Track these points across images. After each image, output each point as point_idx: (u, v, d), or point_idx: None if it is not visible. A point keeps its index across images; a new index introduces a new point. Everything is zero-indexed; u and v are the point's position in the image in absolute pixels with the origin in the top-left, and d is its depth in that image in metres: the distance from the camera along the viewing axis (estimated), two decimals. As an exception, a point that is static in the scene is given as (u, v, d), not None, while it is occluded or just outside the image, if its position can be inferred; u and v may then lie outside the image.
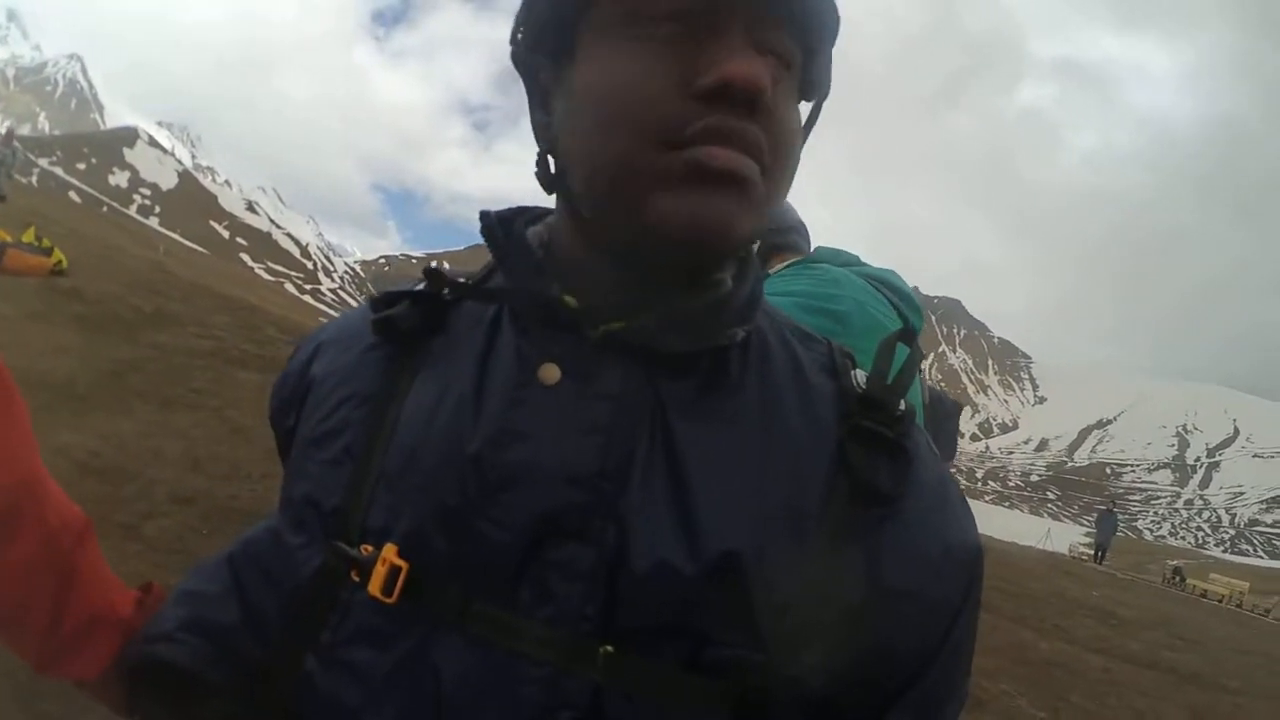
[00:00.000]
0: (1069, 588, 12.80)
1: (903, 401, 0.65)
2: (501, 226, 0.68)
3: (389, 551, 0.60)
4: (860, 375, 0.67)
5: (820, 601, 0.58)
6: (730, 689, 0.57)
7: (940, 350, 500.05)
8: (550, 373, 0.61)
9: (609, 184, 0.58)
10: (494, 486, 0.59)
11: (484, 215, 0.68)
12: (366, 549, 0.62)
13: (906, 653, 0.62)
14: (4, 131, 13.04)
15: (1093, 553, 30.10)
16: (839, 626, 0.58)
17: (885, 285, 1.55)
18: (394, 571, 0.60)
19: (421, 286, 0.70)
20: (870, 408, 0.64)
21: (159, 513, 4.44)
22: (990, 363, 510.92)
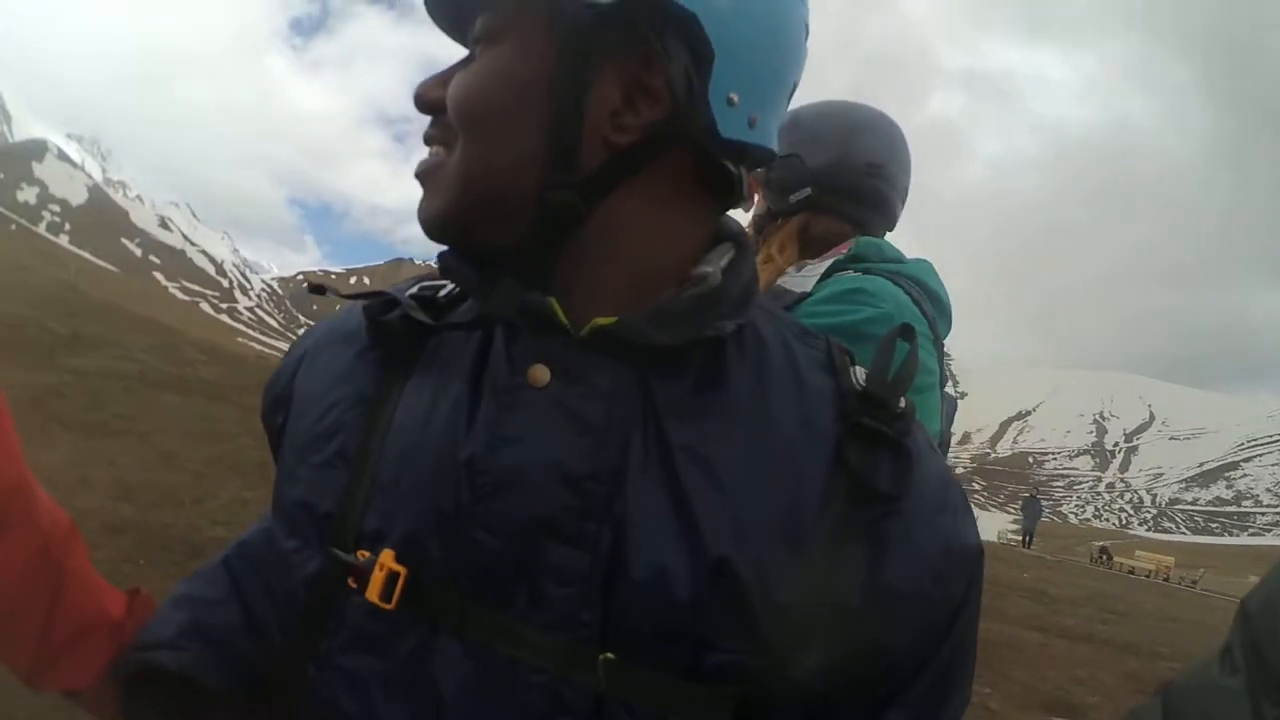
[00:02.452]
0: (1001, 572, 13.20)
1: (903, 399, 0.64)
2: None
3: (386, 557, 0.59)
4: (860, 373, 0.66)
5: (820, 603, 0.58)
6: (731, 693, 0.57)
7: None
8: (540, 374, 0.60)
9: None
10: (486, 491, 0.59)
11: (440, 257, 0.68)
12: (363, 554, 0.61)
13: (906, 652, 0.62)
14: None
15: (1020, 538, 31.16)
16: (839, 627, 0.58)
17: (920, 285, 1.41)
18: (392, 577, 0.59)
19: (415, 291, 0.70)
20: (870, 405, 0.63)
21: (91, 544, 4.16)
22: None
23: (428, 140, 0.66)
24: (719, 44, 0.59)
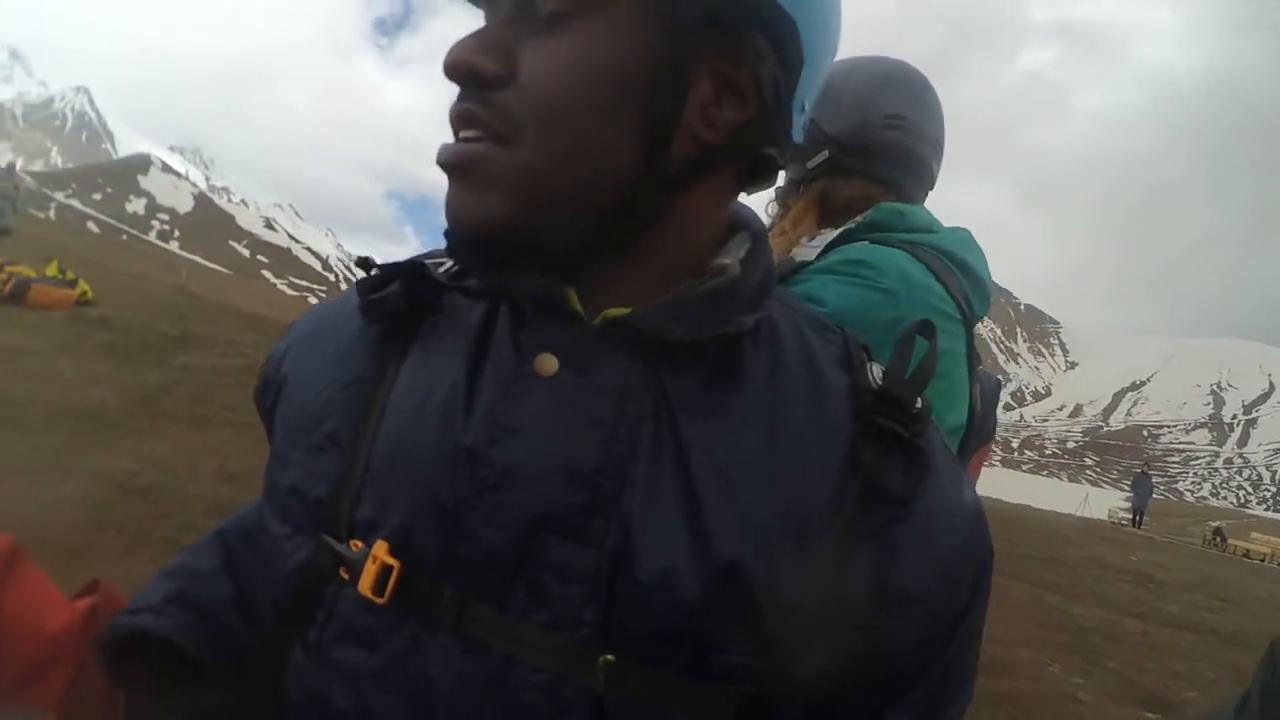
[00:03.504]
0: (1106, 553, 12.71)
1: (920, 398, 0.62)
2: None
3: (380, 549, 0.58)
4: (877, 370, 0.64)
5: (828, 604, 0.57)
6: (735, 694, 0.56)
7: None
8: (548, 364, 0.58)
9: None
10: (488, 483, 0.57)
11: (452, 242, 0.64)
12: (356, 545, 0.59)
13: (910, 654, 0.61)
14: (6, 166, 13.22)
15: (1131, 517, 29.79)
16: (846, 629, 0.57)
17: (949, 259, 1.26)
18: (385, 570, 0.57)
19: (412, 260, 0.67)
20: (886, 404, 0.61)
21: (196, 527, 4.49)
22: (1019, 330, 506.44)
23: (468, 119, 0.57)
24: (809, 54, 0.59)
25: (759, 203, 1.18)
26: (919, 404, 0.61)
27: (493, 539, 0.56)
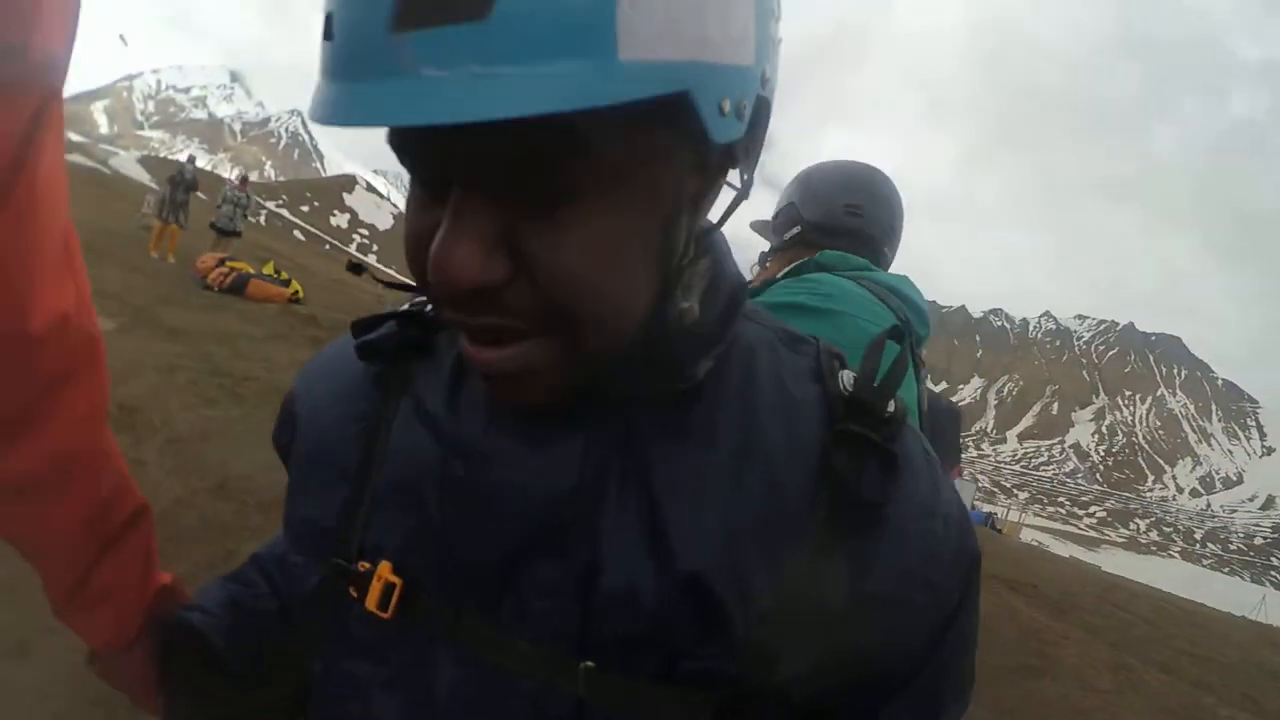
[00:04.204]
0: (1271, 659, 11.64)
1: (893, 402, 0.63)
2: None
3: (384, 569, 0.62)
4: (848, 377, 0.64)
5: (803, 610, 0.58)
6: (711, 698, 0.58)
7: (1159, 393, 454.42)
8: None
9: None
10: (474, 506, 0.60)
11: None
12: (364, 566, 0.63)
13: (896, 659, 0.62)
14: (239, 179, 15.18)
15: None
16: (823, 634, 0.59)
17: (895, 293, 1.55)
18: (389, 588, 0.61)
19: (406, 308, 0.70)
20: (857, 411, 0.61)
21: None
22: (1214, 407, 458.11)
23: (496, 334, 0.52)
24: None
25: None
26: (891, 408, 0.62)
27: (480, 558, 0.60)
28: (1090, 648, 7.08)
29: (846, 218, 1.69)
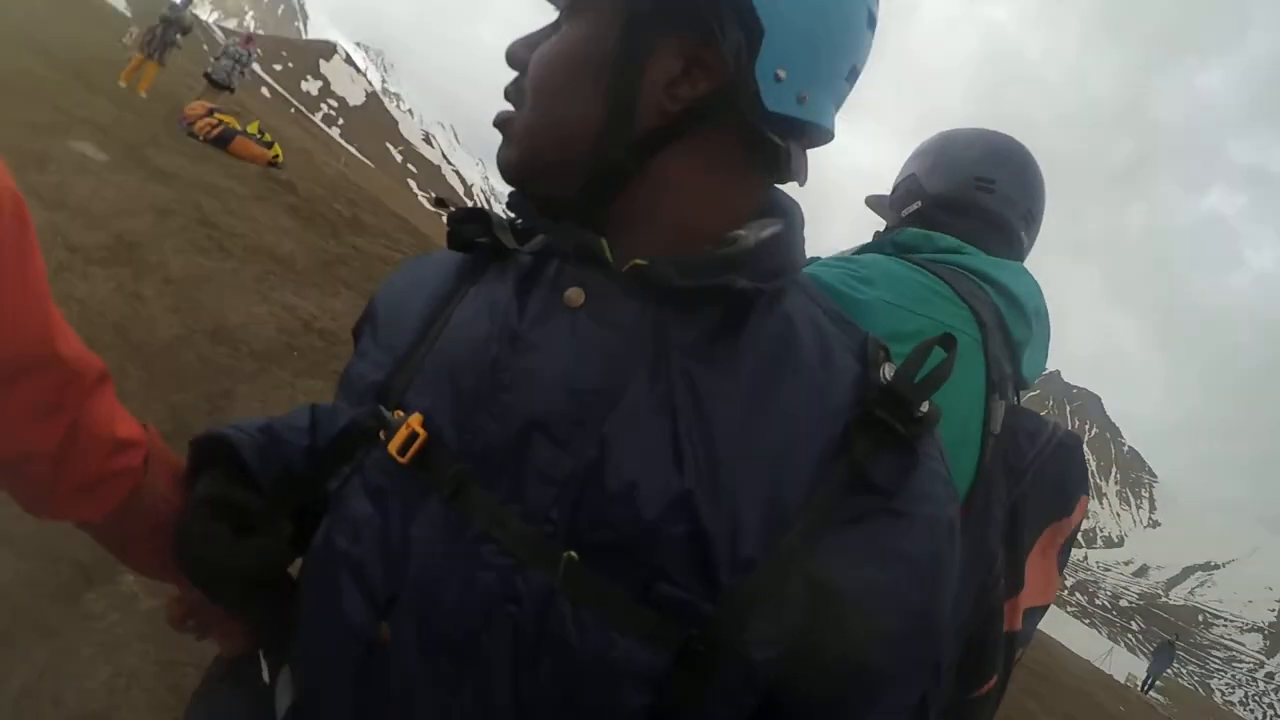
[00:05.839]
0: (1099, 693, 12.73)
1: (927, 403, 0.63)
2: None
3: (414, 419, 0.66)
4: (890, 369, 0.65)
5: (786, 573, 0.58)
6: (674, 632, 0.58)
7: None
8: (575, 296, 0.66)
9: None
10: (500, 386, 0.64)
11: (510, 197, 0.74)
12: (398, 414, 0.68)
13: (873, 661, 0.61)
14: (245, 36, 14.92)
15: (1143, 679, 28.86)
16: (802, 605, 0.58)
17: (988, 282, 1.28)
18: (413, 437, 0.65)
19: (498, 216, 0.76)
20: (890, 401, 0.62)
21: None
22: (1114, 469, 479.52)
23: (506, 95, 0.72)
24: (769, 22, 0.61)
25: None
26: (925, 409, 0.62)
27: (494, 432, 0.63)
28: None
29: (976, 192, 1.42)
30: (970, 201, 1.40)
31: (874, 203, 1.63)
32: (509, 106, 0.72)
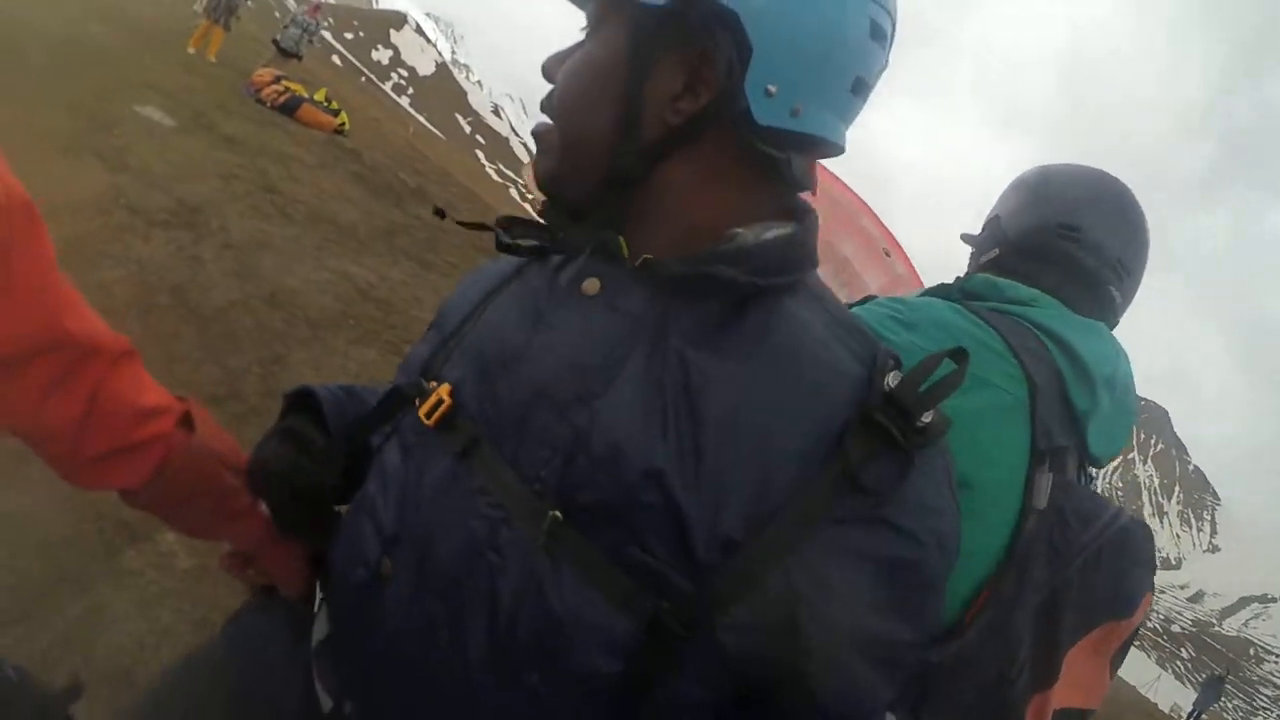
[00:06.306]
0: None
1: (931, 414, 0.63)
2: None
3: (443, 389, 0.75)
4: (896, 377, 0.66)
5: (761, 560, 0.60)
6: (647, 602, 0.61)
7: (1130, 456, 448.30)
8: (592, 285, 0.73)
9: None
10: (516, 359, 0.72)
11: (543, 205, 0.81)
12: (431, 384, 0.78)
13: (834, 681, 0.62)
14: (313, 5, 14.95)
15: (1190, 713, 27.98)
16: (771, 596, 0.60)
17: (1050, 336, 1.15)
18: (439, 404, 0.74)
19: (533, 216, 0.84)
20: (892, 407, 0.63)
21: (416, 340, 5.32)
22: (1178, 489, 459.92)
23: (542, 107, 0.78)
24: (757, 40, 0.66)
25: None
26: (927, 419, 0.63)
27: (506, 399, 0.72)
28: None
29: (1058, 239, 1.27)
30: (1051, 249, 1.28)
31: (971, 240, 1.47)
32: (546, 119, 0.78)
